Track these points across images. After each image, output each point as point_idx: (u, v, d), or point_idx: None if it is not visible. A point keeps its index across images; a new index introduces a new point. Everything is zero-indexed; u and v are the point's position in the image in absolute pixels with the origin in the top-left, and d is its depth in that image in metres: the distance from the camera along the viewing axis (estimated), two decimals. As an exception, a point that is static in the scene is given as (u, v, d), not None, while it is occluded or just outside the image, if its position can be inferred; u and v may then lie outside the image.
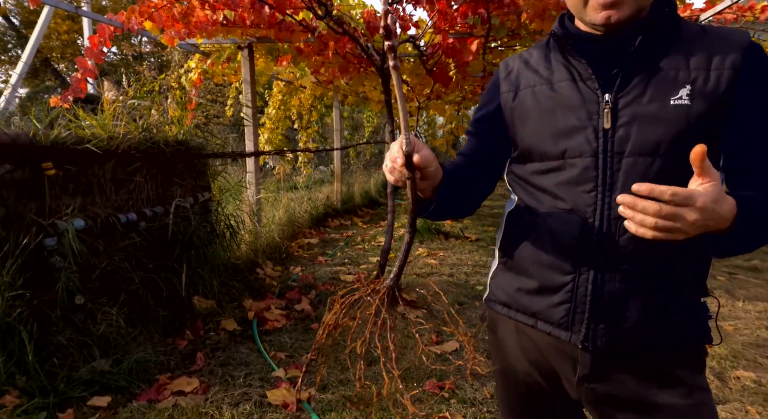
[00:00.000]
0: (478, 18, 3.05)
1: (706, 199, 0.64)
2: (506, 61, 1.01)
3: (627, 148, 0.80)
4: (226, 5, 2.87)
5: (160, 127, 2.85)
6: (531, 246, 0.91)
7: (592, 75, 0.84)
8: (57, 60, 18.01)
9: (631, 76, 0.82)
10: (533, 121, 0.91)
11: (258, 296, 3.19)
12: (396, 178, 0.80)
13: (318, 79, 5.89)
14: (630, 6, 0.79)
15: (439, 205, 0.90)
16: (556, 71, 0.90)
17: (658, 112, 0.79)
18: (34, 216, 1.87)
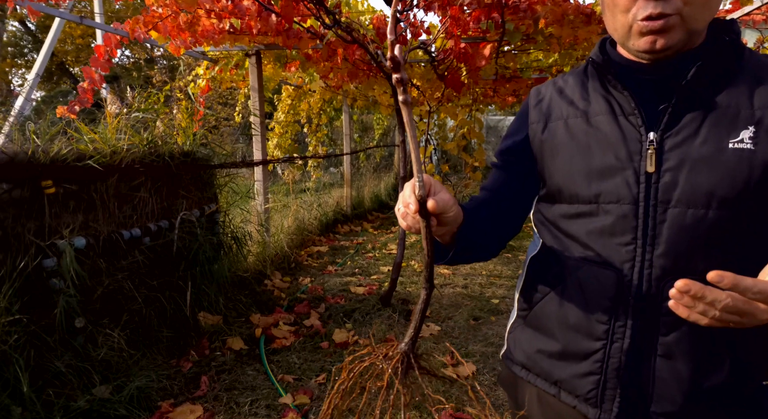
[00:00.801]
0: (492, 23, 2.94)
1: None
2: (538, 88, 0.90)
3: (674, 197, 0.69)
4: (233, 14, 2.79)
5: (165, 139, 2.79)
6: (556, 302, 0.80)
7: (635, 109, 0.72)
8: (72, 64, 18.22)
9: (682, 113, 0.70)
10: (564, 157, 0.80)
11: (266, 310, 3.12)
12: (409, 224, 0.70)
13: (327, 84, 5.82)
14: (679, 32, 0.68)
15: (459, 251, 0.79)
16: (593, 103, 0.78)
17: (712, 156, 0.67)
18: (32, 238, 1.81)
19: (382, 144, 11.40)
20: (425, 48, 3.30)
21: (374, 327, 2.90)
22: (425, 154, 6.56)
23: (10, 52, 18.74)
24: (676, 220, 0.68)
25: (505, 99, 7.48)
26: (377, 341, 2.80)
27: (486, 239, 0.86)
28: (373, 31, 3.34)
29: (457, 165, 11.50)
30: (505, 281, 4.01)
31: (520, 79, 5.52)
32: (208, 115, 4.65)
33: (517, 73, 5.12)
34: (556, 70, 5.14)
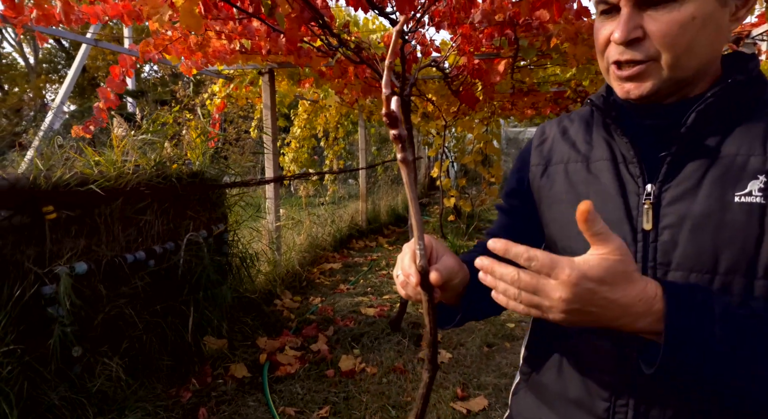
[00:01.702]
0: (505, 39, 2.86)
1: (577, 272, 0.48)
2: (543, 126, 0.82)
3: (674, 259, 0.60)
4: (242, 35, 2.79)
5: (174, 159, 2.78)
6: (555, 371, 0.72)
7: (634, 158, 0.65)
8: (102, 79, 18.81)
9: (683, 163, 0.62)
10: (560, 206, 0.72)
11: (273, 332, 3.06)
12: (409, 294, 0.63)
13: (342, 99, 5.81)
14: (657, 80, 0.61)
15: (467, 313, 0.73)
16: (596, 147, 0.71)
17: (716, 213, 0.58)
18: (31, 265, 1.79)
19: (400, 157, 11.32)
20: (437, 65, 3.24)
21: (383, 355, 2.81)
22: (441, 168, 6.49)
23: (44, 69, 19.48)
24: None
25: (524, 111, 7.36)
26: (385, 369, 2.72)
27: None
28: (384, 49, 3.30)
29: (476, 177, 11.37)
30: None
31: (538, 93, 5.41)
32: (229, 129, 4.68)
33: (534, 87, 5.02)
34: (575, 84, 5.02)
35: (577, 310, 0.50)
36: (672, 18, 0.57)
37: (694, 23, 0.57)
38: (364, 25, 3.38)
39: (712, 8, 0.58)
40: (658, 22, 0.58)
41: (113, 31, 13.04)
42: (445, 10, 2.27)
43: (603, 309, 0.50)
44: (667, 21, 0.58)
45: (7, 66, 19.02)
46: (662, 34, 0.58)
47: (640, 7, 0.59)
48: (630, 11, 0.59)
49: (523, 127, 11.90)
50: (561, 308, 0.50)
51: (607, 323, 0.52)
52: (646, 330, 0.52)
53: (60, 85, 18.78)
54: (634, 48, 0.60)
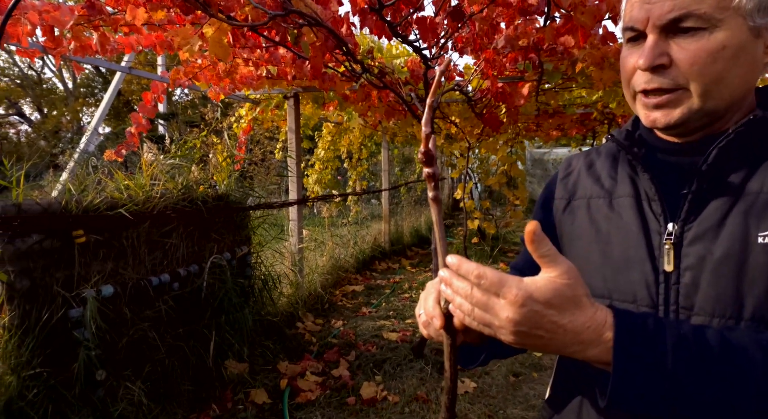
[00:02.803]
0: (529, 63, 2.85)
1: (523, 293, 0.47)
2: (570, 158, 0.81)
3: (696, 302, 0.57)
4: (269, 62, 2.85)
5: (200, 183, 2.83)
6: (574, 416, 0.68)
7: (656, 195, 0.62)
8: (136, 102, 19.54)
9: (705, 200, 0.59)
10: (580, 242, 0.70)
11: (294, 357, 3.04)
12: (431, 335, 0.62)
13: (365, 121, 5.87)
14: (686, 110, 0.58)
15: (491, 352, 0.71)
16: (620, 183, 0.69)
17: (738, 253, 0.55)
18: (59, 288, 1.82)
19: (422, 177, 11.36)
20: (461, 89, 3.24)
21: (405, 382, 2.75)
22: (465, 190, 6.45)
23: (82, 93, 20.36)
24: None
25: (549, 133, 7.29)
26: (407, 398, 2.65)
27: None
28: (407, 73, 3.33)
29: (501, 198, 11.27)
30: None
31: (564, 114, 5.36)
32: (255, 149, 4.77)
33: (560, 109, 4.97)
34: (601, 106, 4.95)
35: (525, 333, 0.49)
36: (700, 46, 0.56)
37: (724, 53, 0.55)
38: (388, 50, 3.42)
39: (744, 39, 0.56)
40: (685, 50, 0.56)
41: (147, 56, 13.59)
42: (468, 36, 2.27)
43: (551, 334, 0.49)
44: (696, 49, 0.56)
45: (48, 90, 19.94)
46: (690, 63, 0.56)
47: (667, 34, 0.57)
48: (656, 38, 0.58)
49: (549, 148, 11.78)
50: (509, 329, 0.49)
51: (557, 350, 0.50)
52: (596, 359, 0.49)
53: (96, 108, 19.59)
54: (661, 75, 0.58)
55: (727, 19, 0.55)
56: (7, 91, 17.50)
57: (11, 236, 1.72)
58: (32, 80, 18.69)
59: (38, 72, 18.89)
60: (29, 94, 18.57)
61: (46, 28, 1.96)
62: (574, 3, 1.84)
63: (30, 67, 18.28)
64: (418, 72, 3.16)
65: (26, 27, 1.87)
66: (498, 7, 1.95)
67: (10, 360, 1.61)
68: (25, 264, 1.74)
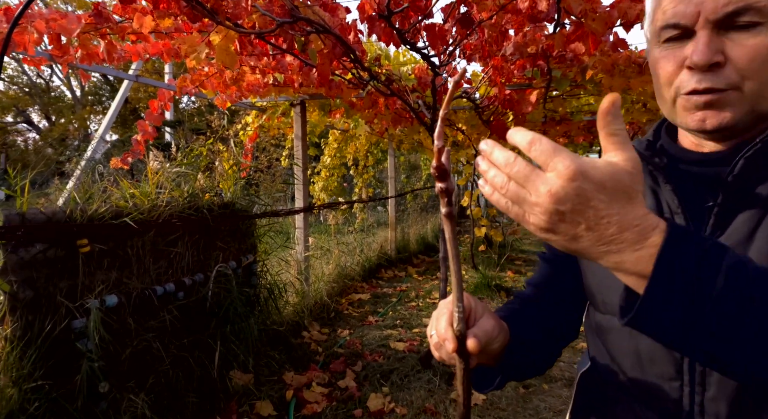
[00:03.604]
0: (537, 70, 2.82)
1: (577, 167, 0.40)
2: None
3: None
4: (276, 69, 2.84)
5: (206, 190, 2.81)
6: None
7: (678, 207, 0.59)
8: (143, 110, 19.68)
9: (732, 214, 0.56)
10: None
11: (300, 367, 2.99)
12: (443, 357, 0.59)
13: (372, 129, 5.85)
14: (738, 110, 0.54)
15: (506, 375, 0.68)
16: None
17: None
18: (62, 298, 1.80)
19: (429, 184, 11.33)
20: (468, 96, 3.21)
21: (413, 394, 2.70)
22: (472, 197, 6.40)
23: (89, 100, 20.55)
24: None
25: (556, 140, 7.25)
26: (415, 410, 2.60)
27: (538, 350, 0.73)
28: (414, 80, 3.31)
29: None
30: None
31: (571, 122, 5.32)
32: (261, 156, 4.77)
33: (567, 116, 4.94)
34: (609, 113, 4.91)
35: (562, 214, 0.42)
36: (759, 42, 0.51)
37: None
38: (395, 57, 3.41)
39: None
40: (743, 47, 0.52)
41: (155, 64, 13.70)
42: (477, 43, 2.25)
43: (592, 223, 0.41)
44: (754, 45, 0.52)
45: (56, 98, 20.14)
46: (749, 60, 0.52)
47: (719, 30, 0.53)
48: (710, 34, 0.53)
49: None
50: (545, 206, 0.42)
51: (590, 245, 0.42)
52: (632, 267, 0.42)
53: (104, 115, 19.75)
54: (714, 75, 0.54)
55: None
56: (15, 99, 17.69)
57: (15, 245, 1.69)
58: (40, 88, 18.89)
59: (47, 80, 19.09)
60: (37, 102, 18.77)
61: (52, 36, 1.96)
62: (584, 10, 1.81)
63: (38, 75, 18.50)
64: (425, 79, 3.14)
65: (33, 35, 1.86)
66: (507, 14, 1.92)
67: (11, 373, 1.59)
68: (28, 273, 1.72)
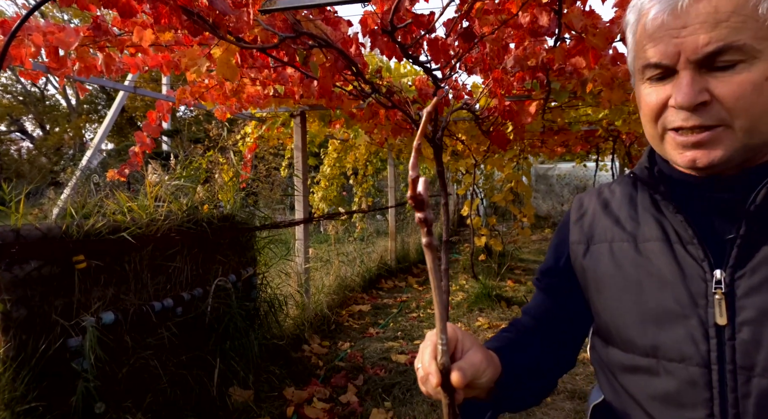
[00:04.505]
0: (537, 82, 2.82)
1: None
2: (581, 197, 0.74)
3: (758, 362, 0.51)
4: (276, 81, 2.83)
5: (205, 203, 2.78)
6: None
7: (693, 238, 0.56)
8: (140, 118, 19.67)
9: (756, 245, 0.53)
10: (612, 292, 0.63)
11: (301, 382, 2.95)
12: (429, 392, 0.55)
13: (372, 139, 5.84)
14: (729, 147, 0.53)
15: (498, 408, 0.64)
16: (643, 225, 0.63)
17: None
18: (57, 317, 1.76)
19: (429, 192, 11.31)
20: (469, 108, 3.20)
21: (416, 409, 2.65)
22: (472, 206, 6.38)
23: (85, 109, 20.51)
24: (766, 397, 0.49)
25: (554, 149, 7.26)
26: (417, 427, 2.56)
27: (533, 382, 0.70)
28: (415, 92, 3.30)
29: (506, 213, 11.19)
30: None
31: (569, 131, 5.32)
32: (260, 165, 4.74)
33: (565, 126, 4.94)
34: (606, 123, 4.92)
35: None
36: (743, 79, 0.50)
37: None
38: (396, 69, 3.40)
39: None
40: (728, 85, 0.51)
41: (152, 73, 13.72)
42: (478, 56, 2.24)
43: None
44: (739, 82, 0.51)
45: (51, 107, 20.10)
46: (736, 98, 0.51)
47: (701, 68, 0.52)
48: (692, 73, 0.52)
49: (553, 164, 11.73)
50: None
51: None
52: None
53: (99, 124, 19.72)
54: (701, 113, 0.53)
55: (766, 50, 0.50)
56: (9, 107, 17.65)
57: (9, 263, 1.66)
58: (35, 97, 18.85)
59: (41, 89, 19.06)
60: (32, 110, 18.72)
61: (50, 49, 1.93)
62: (585, 25, 1.80)
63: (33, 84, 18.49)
64: (426, 90, 3.13)
65: (30, 49, 1.84)
66: (508, 29, 1.91)
67: (4, 395, 1.54)
68: (22, 292, 1.68)
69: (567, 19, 1.56)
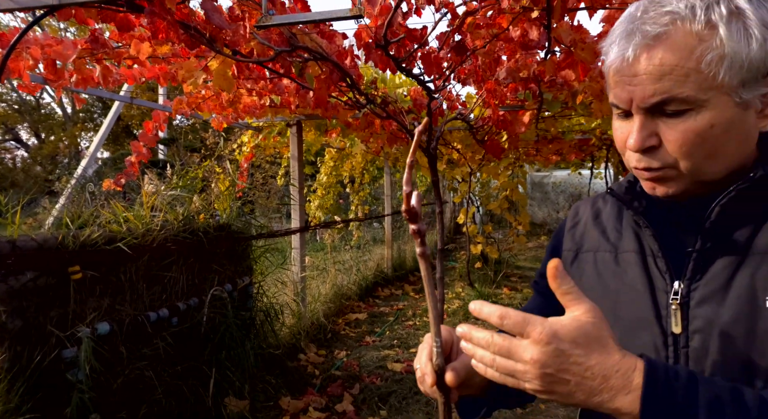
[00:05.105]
0: (529, 93, 2.86)
1: (548, 330, 0.46)
2: (578, 206, 0.78)
3: (706, 368, 0.55)
4: (272, 91, 2.85)
5: (201, 212, 2.79)
6: None
7: (659, 252, 0.60)
8: (136, 127, 19.66)
9: (711, 259, 0.57)
10: (592, 298, 0.67)
11: (296, 391, 2.95)
12: (426, 392, 0.60)
13: (368, 147, 5.88)
14: (680, 183, 0.57)
15: (493, 405, 0.68)
16: (624, 237, 0.67)
17: (746, 318, 0.53)
18: (53, 328, 1.76)
19: (425, 201, 11.37)
20: (463, 118, 3.24)
21: (412, 417, 2.65)
22: (467, 214, 6.41)
23: (81, 118, 20.46)
24: None
25: (549, 157, 7.31)
26: (413, 436, 2.56)
27: None
28: (410, 102, 3.33)
29: (502, 220, 11.22)
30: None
31: (562, 140, 5.37)
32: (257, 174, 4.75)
33: (559, 135, 4.99)
34: (599, 133, 4.97)
35: (551, 376, 0.46)
36: (688, 127, 0.54)
37: (713, 131, 0.53)
38: (391, 80, 3.44)
39: (732, 114, 0.53)
40: (674, 131, 0.55)
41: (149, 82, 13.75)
42: (471, 68, 2.27)
43: (579, 378, 0.46)
44: (684, 130, 0.54)
45: (46, 116, 20.04)
46: (679, 144, 0.55)
47: (653, 114, 0.56)
48: (643, 119, 0.56)
49: (548, 171, 11.80)
50: (534, 373, 0.46)
51: (586, 398, 0.46)
52: (627, 410, 0.46)
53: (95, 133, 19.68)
54: (651, 156, 0.57)
55: (713, 99, 0.53)
56: (4, 116, 17.59)
57: (4, 274, 1.66)
58: (30, 105, 18.81)
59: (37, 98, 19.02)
60: (27, 119, 18.67)
61: (48, 61, 1.96)
62: (574, 40, 1.84)
63: (31, 93, 18.45)
64: (420, 100, 3.16)
65: (28, 61, 1.86)
66: (500, 42, 1.95)
67: (-1, 407, 1.54)
68: (18, 303, 1.69)
69: (556, 34, 1.60)
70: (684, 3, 0.52)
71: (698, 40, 0.52)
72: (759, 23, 0.51)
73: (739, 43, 0.51)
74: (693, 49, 0.52)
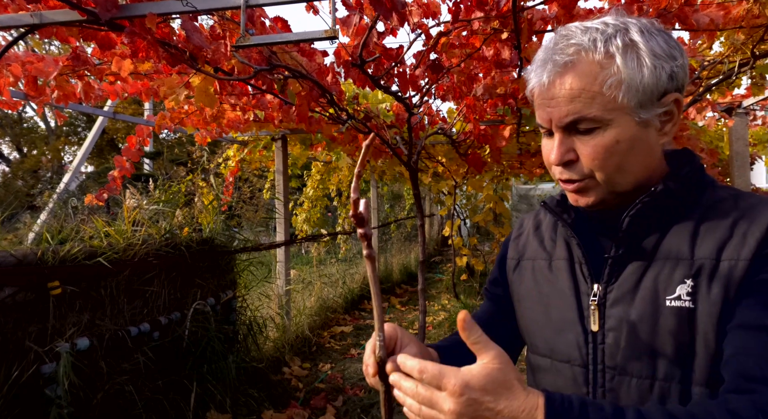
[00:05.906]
0: (509, 108, 2.93)
1: (461, 382, 0.49)
2: (523, 218, 0.87)
3: (619, 363, 0.62)
4: (256, 107, 2.89)
5: (184, 227, 2.80)
6: None
7: (583, 258, 0.68)
8: (121, 140, 19.50)
9: (624, 263, 0.65)
10: (528, 302, 0.76)
11: (280, 404, 2.94)
12: (371, 383, 0.64)
13: (354, 160, 5.92)
14: (599, 193, 0.65)
15: None
16: (558, 246, 0.75)
17: (650, 316, 0.60)
18: (31, 343, 1.76)
19: (412, 214, 11.40)
20: (444, 132, 3.30)
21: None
22: (453, 227, 6.46)
23: (64, 131, 20.25)
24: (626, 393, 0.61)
25: (533, 171, 7.42)
26: (395, 448, 2.56)
27: None
28: (392, 116, 3.39)
29: (488, 232, 11.30)
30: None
31: (546, 153, 5.47)
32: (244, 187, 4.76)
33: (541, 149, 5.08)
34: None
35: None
36: (597, 143, 0.61)
37: (618, 147, 0.61)
38: (373, 95, 3.50)
39: (634, 132, 0.61)
40: (587, 146, 0.62)
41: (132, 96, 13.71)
42: (449, 84, 2.34)
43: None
44: (594, 145, 0.62)
45: (28, 129, 19.80)
46: (591, 158, 0.62)
47: (570, 132, 0.63)
48: (561, 136, 0.64)
49: (534, 184, 11.95)
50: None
51: None
52: None
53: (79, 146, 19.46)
54: (570, 168, 0.65)
55: (616, 118, 0.60)
56: (-15, 130, 17.35)
57: (-16, 290, 1.66)
58: (12, 119, 18.59)
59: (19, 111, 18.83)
60: (8, 133, 18.45)
61: (29, 78, 1.98)
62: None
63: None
64: (402, 115, 3.22)
65: (8, 78, 1.88)
66: (474, 61, 2.02)
67: (-26, 424, 1.53)
68: (-4, 319, 1.68)
69: (526, 54, 1.67)
70: (587, 36, 0.60)
71: (600, 67, 0.59)
72: (650, 53, 0.59)
73: (633, 70, 0.59)
74: (596, 75, 0.59)
